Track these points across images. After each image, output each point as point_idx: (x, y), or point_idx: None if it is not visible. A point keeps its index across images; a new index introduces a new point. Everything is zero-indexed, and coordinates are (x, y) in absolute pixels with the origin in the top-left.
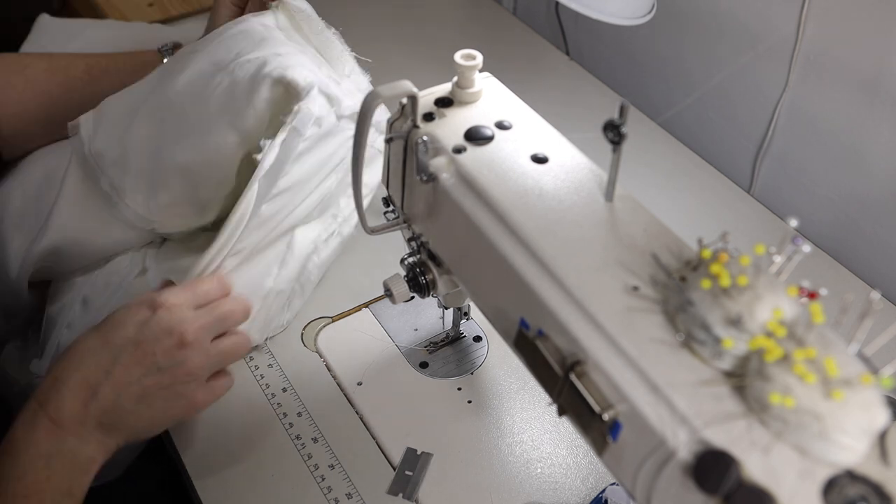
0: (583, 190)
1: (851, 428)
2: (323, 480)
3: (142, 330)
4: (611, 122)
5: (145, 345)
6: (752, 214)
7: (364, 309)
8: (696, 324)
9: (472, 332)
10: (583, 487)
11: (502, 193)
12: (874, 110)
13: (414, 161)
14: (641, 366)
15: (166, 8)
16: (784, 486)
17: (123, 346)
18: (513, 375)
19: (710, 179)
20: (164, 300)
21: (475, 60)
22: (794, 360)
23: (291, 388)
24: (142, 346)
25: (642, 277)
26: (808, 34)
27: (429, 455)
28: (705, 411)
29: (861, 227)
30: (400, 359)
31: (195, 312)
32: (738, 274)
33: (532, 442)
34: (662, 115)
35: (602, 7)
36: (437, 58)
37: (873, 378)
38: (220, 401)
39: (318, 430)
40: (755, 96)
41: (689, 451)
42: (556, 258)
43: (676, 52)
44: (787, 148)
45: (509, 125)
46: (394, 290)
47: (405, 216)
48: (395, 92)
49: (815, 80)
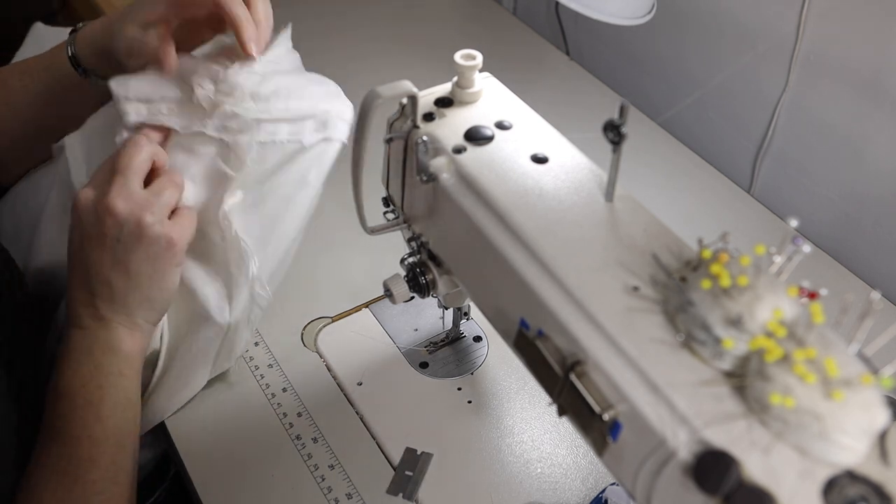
0: (583, 190)
1: (851, 428)
2: (323, 480)
3: (79, 224)
4: (611, 122)
5: (90, 231)
6: (752, 214)
7: (364, 309)
8: (696, 324)
9: (472, 332)
10: (583, 487)
11: (502, 193)
12: (874, 110)
13: (414, 161)
14: (641, 366)
15: None
16: (784, 486)
17: (80, 246)
18: (513, 375)
19: (710, 179)
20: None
21: (475, 60)
22: (795, 360)
23: (291, 388)
24: (90, 236)
25: (642, 277)
26: (808, 34)
27: (429, 455)
28: (705, 411)
29: (861, 227)
30: (400, 359)
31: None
32: (739, 274)
33: (532, 442)
34: (662, 115)
35: (602, 7)
36: (437, 58)
37: (873, 378)
38: (220, 401)
39: (318, 430)
40: (755, 96)
41: (689, 451)
42: (556, 258)
43: (676, 52)
44: (787, 148)
45: (509, 125)
46: (394, 290)
47: (405, 216)
48: (395, 92)
49: (815, 80)
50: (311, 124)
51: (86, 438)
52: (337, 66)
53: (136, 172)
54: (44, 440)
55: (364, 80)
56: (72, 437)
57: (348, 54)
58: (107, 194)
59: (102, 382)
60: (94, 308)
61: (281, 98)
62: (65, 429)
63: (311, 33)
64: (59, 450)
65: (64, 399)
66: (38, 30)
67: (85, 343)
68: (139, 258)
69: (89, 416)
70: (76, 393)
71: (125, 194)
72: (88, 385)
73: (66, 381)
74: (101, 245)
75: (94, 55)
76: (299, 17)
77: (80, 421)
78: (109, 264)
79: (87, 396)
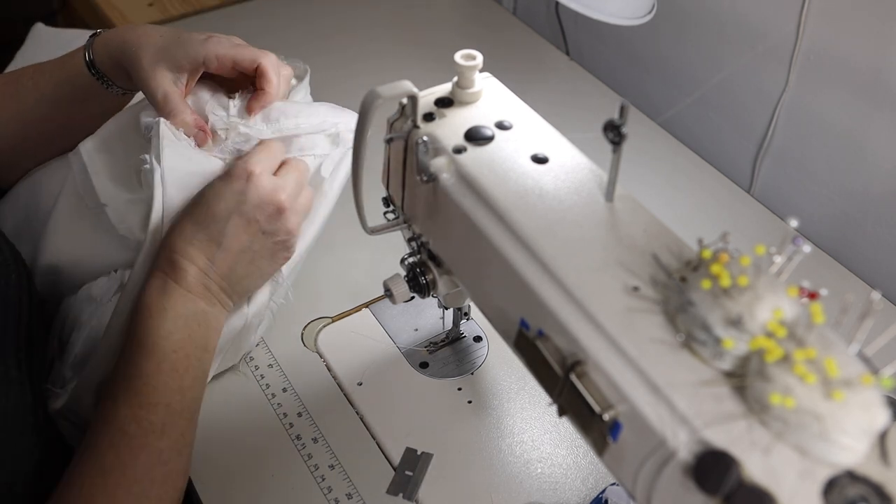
0: (583, 190)
1: (852, 428)
2: (323, 480)
3: (242, 200)
4: (611, 122)
5: (248, 214)
6: (752, 214)
7: (364, 309)
8: (696, 324)
9: (472, 332)
10: (583, 487)
11: (502, 193)
12: (874, 110)
13: (414, 161)
14: (642, 366)
15: (166, 8)
16: (784, 486)
17: (228, 217)
18: (513, 375)
19: (710, 179)
20: (253, 169)
21: (475, 60)
22: (795, 360)
23: (291, 388)
24: (245, 216)
25: (642, 277)
26: (808, 34)
27: (429, 455)
28: (705, 411)
29: (861, 227)
30: (400, 359)
31: (282, 179)
32: (739, 274)
33: (532, 442)
34: (662, 115)
35: (602, 7)
36: (437, 58)
37: (873, 378)
38: (220, 401)
39: (318, 430)
40: (755, 96)
41: (689, 451)
42: (556, 258)
43: (676, 52)
44: (787, 148)
45: (509, 125)
46: (394, 290)
47: (405, 216)
48: (395, 92)
49: (815, 80)
50: (323, 138)
51: (163, 406)
52: (337, 66)
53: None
54: (112, 397)
55: (364, 80)
56: (149, 402)
57: (348, 54)
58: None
59: (191, 353)
60: (204, 276)
61: (290, 117)
62: (143, 391)
63: (312, 33)
64: (132, 412)
65: (150, 359)
66: (39, 30)
67: (186, 308)
68: (266, 255)
69: (172, 383)
70: (165, 357)
71: (298, 208)
72: (179, 352)
73: (156, 340)
74: (247, 227)
75: (111, 63)
76: (300, 17)
77: (163, 387)
78: (245, 246)
79: (174, 363)
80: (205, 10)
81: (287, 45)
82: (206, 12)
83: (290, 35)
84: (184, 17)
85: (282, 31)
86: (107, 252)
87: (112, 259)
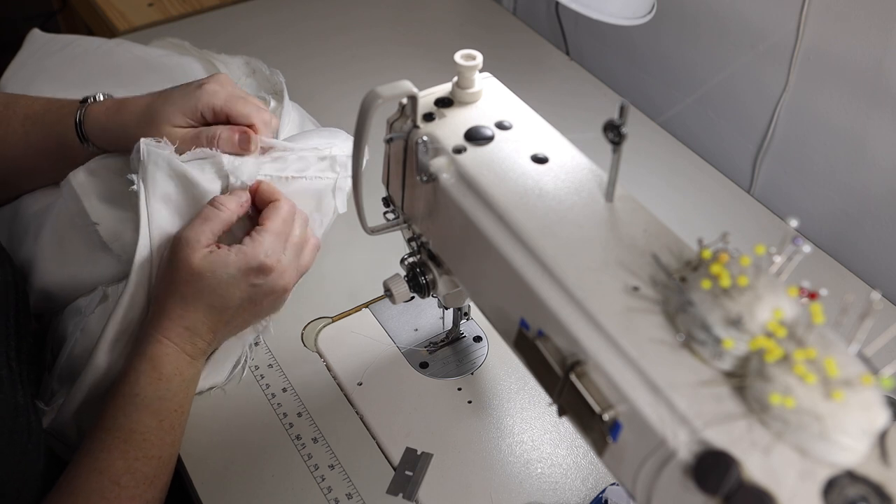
0: (583, 190)
1: (852, 428)
2: (323, 480)
3: (255, 292)
4: (611, 123)
5: (257, 299)
6: (752, 214)
7: (364, 309)
8: (696, 324)
9: (472, 332)
10: (583, 488)
11: (502, 194)
12: (874, 110)
13: (414, 161)
14: (641, 366)
15: (166, 8)
16: (784, 486)
17: (241, 305)
18: (513, 375)
19: (710, 179)
20: (272, 264)
21: (475, 60)
22: (795, 360)
23: (291, 388)
24: (254, 301)
25: (642, 278)
26: (808, 34)
27: (429, 455)
28: (705, 412)
29: (861, 227)
30: (400, 359)
31: (290, 262)
32: (739, 274)
33: (532, 442)
34: (662, 115)
35: (602, 7)
36: (436, 58)
37: (873, 378)
38: (220, 401)
39: (318, 430)
40: (755, 96)
41: (689, 451)
42: (556, 258)
43: (676, 52)
44: (788, 148)
45: (509, 125)
46: (394, 290)
47: (405, 216)
48: (395, 92)
49: (815, 80)
50: (316, 160)
51: (156, 459)
52: (337, 67)
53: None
54: (107, 448)
55: (364, 80)
56: (145, 456)
57: (348, 54)
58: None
59: (186, 409)
60: (208, 346)
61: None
62: (142, 445)
63: (312, 33)
64: (127, 465)
65: (154, 417)
66: (35, 36)
67: (190, 372)
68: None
69: (168, 438)
70: (167, 415)
71: (294, 268)
72: (178, 410)
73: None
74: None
75: (101, 132)
76: (300, 17)
77: (160, 442)
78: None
79: (172, 421)
80: (205, 10)
81: (287, 45)
82: (206, 12)
83: (289, 35)
84: (184, 18)
85: (281, 31)
86: (97, 268)
87: (104, 275)
